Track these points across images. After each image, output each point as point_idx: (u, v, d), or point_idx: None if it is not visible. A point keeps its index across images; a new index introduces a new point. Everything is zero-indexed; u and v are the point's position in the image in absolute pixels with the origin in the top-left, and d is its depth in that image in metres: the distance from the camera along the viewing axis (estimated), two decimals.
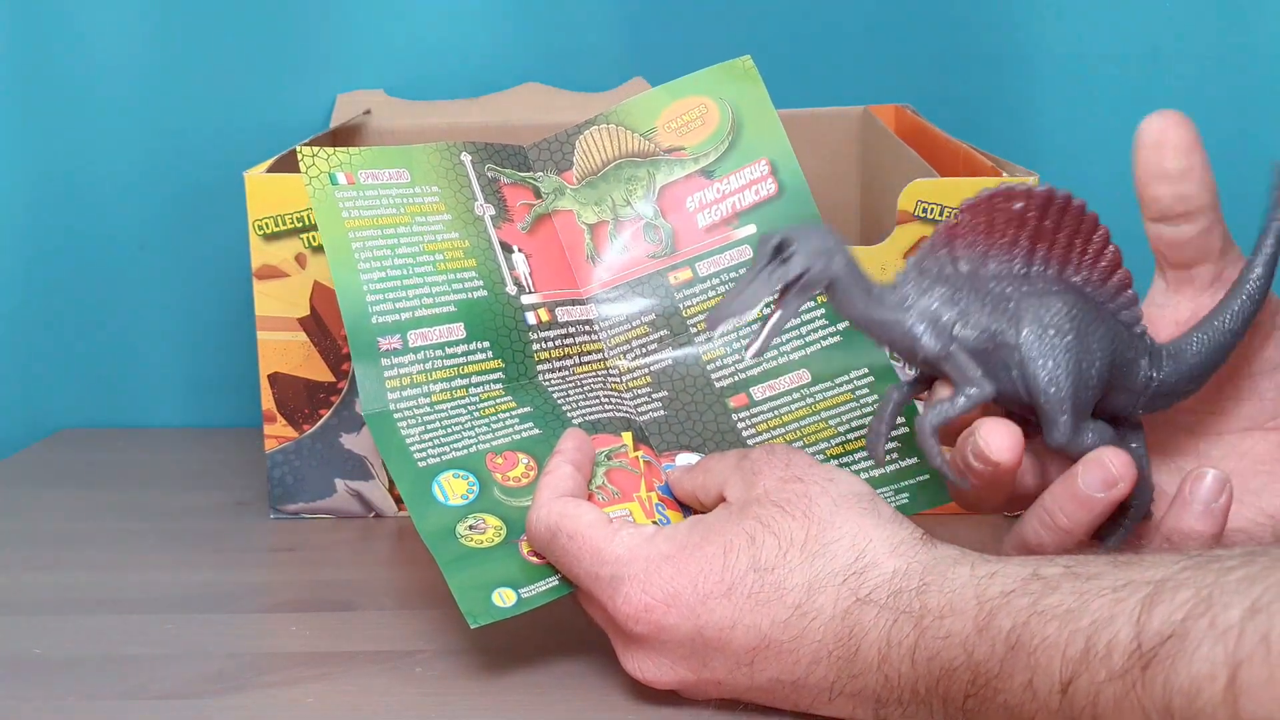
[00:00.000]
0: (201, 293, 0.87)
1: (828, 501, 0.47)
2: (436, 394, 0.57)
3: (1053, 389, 0.48)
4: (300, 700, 0.50)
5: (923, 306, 0.49)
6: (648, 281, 0.64)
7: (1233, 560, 0.37)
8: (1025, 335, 0.48)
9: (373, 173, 0.60)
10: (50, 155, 0.85)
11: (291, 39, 0.85)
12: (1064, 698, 0.39)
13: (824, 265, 0.48)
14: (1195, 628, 0.36)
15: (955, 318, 0.49)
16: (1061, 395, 0.48)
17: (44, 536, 0.68)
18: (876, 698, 0.44)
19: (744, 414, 0.61)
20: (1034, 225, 0.48)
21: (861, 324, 0.49)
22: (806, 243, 0.48)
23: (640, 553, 0.48)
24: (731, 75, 0.65)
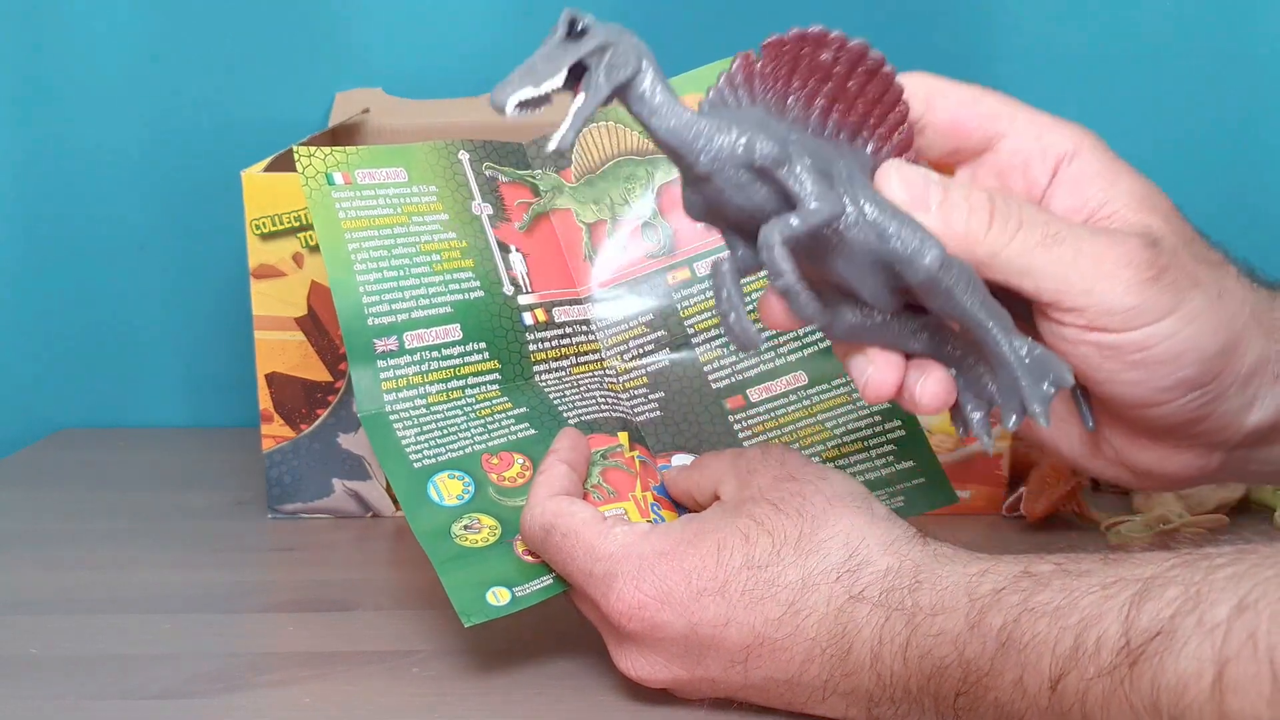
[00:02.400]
0: (199, 292, 0.87)
1: (822, 500, 0.47)
2: (433, 395, 0.57)
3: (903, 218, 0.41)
4: (298, 700, 0.50)
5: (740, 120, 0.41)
6: (645, 281, 0.63)
7: (1221, 558, 0.37)
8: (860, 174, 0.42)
9: (369, 172, 0.60)
10: (48, 155, 0.85)
11: (290, 38, 0.85)
12: (1053, 695, 0.39)
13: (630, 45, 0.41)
14: (1183, 625, 0.36)
15: (786, 131, 0.42)
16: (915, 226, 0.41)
17: (43, 536, 0.68)
18: (869, 696, 0.44)
19: (740, 415, 0.61)
20: (837, 83, 0.43)
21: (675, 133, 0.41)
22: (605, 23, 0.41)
23: (634, 550, 0.48)
24: None
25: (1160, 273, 0.42)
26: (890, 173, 0.42)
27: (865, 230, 0.41)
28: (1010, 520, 0.69)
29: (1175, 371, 0.43)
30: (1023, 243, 0.42)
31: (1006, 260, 0.42)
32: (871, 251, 0.41)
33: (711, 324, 0.62)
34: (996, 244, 0.42)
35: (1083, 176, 0.44)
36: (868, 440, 0.60)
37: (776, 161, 0.41)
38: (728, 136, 0.41)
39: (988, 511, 0.69)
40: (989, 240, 0.42)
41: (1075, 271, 0.42)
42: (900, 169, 0.43)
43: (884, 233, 0.41)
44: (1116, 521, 0.66)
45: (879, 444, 0.60)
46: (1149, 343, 0.42)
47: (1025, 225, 0.42)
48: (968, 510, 0.69)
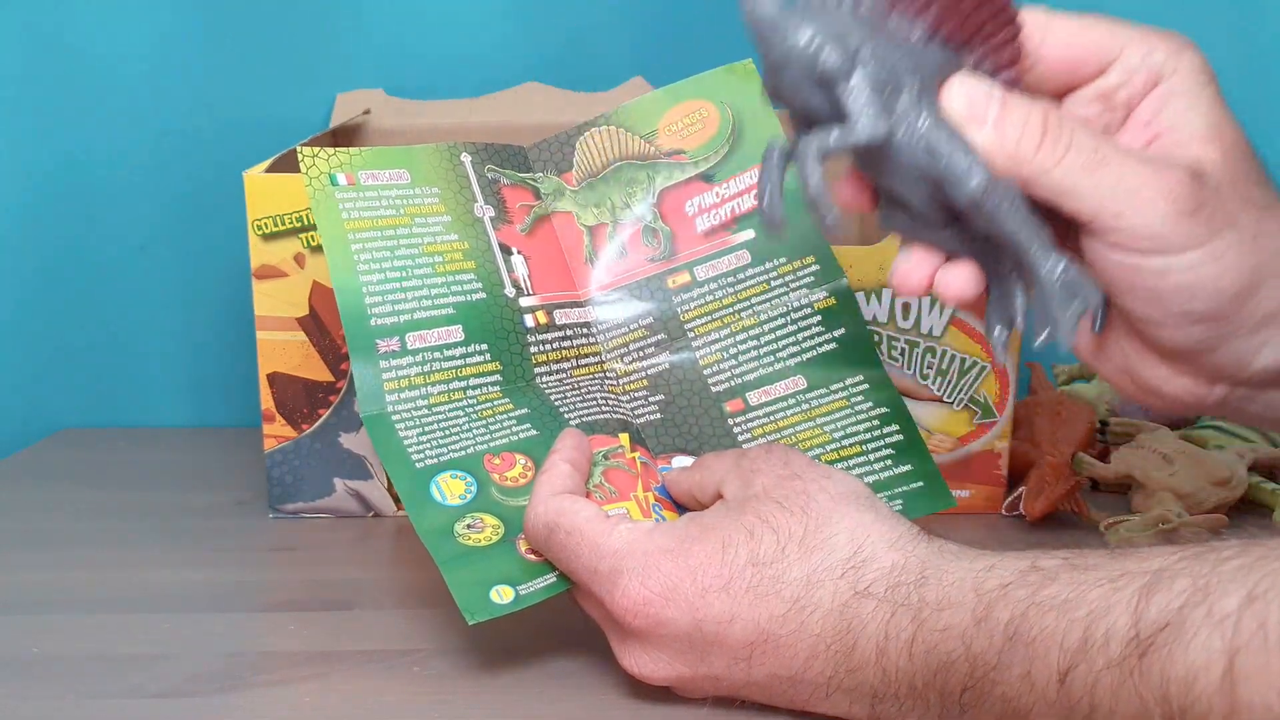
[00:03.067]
0: (201, 292, 0.87)
1: (826, 498, 0.47)
2: (435, 396, 0.57)
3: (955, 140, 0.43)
4: (298, 699, 0.50)
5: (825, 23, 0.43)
6: (646, 285, 0.64)
7: (1229, 550, 0.37)
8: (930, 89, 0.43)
9: (373, 173, 0.60)
10: (49, 155, 0.85)
11: (291, 38, 0.85)
12: (1061, 688, 0.39)
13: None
14: (1192, 616, 0.36)
15: (861, 42, 0.43)
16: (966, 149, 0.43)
17: (44, 536, 0.68)
18: (873, 693, 0.44)
19: (739, 419, 0.61)
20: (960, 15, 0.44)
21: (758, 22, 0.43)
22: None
23: (639, 547, 0.48)
24: (733, 78, 0.65)
25: (1198, 207, 0.43)
26: (955, 87, 0.43)
27: (916, 148, 0.43)
28: (1010, 520, 0.69)
29: (1187, 302, 0.44)
30: (1069, 164, 0.43)
31: (1052, 180, 0.43)
32: (920, 168, 0.43)
33: (711, 327, 0.63)
34: (1045, 163, 0.43)
35: (1169, 95, 0.45)
36: (865, 444, 0.60)
37: (835, 75, 0.42)
38: (802, 36, 0.42)
39: (987, 511, 0.69)
40: (1038, 160, 0.43)
41: (1114, 196, 0.43)
42: (965, 83, 0.44)
43: (935, 151, 0.43)
44: (1116, 521, 0.66)
45: (877, 448, 0.60)
46: (1169, 270, 0.43)
47: (1074, 148, 0.43)
48: (967, 510, 0.69)
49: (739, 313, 0.63)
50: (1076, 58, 0.46)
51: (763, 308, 0.62)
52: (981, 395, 0.68)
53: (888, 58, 0.43)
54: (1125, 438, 0.75)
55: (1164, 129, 0.45)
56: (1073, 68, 0.46)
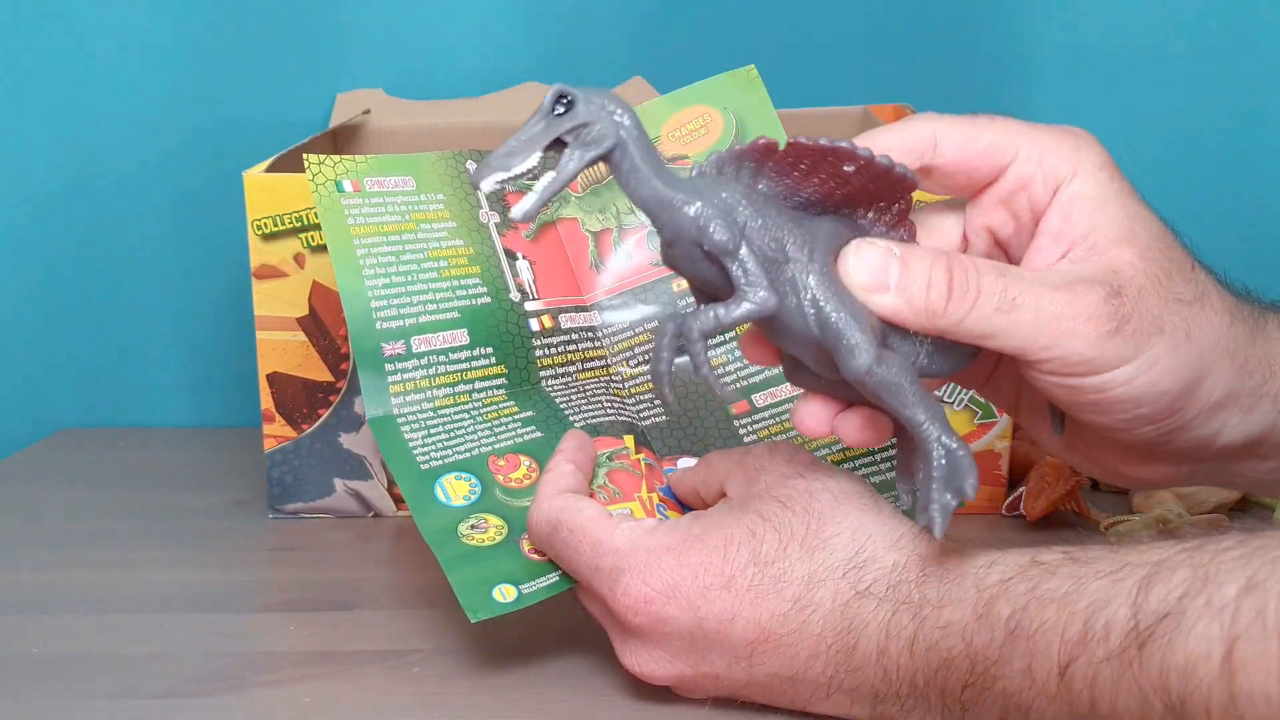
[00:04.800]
0: (201, 293, 0.87)
1: (828, 497, 0.47)
2: (440, 399, 0.57)
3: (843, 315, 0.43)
4: (298, 699, 0.50)
5: (717, 197, 0.43)
6: (651, 289, 0.64)
7: (1229, 541, 0.37)
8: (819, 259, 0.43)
9: (378, 180, 0.60)
10: (50, 155, 0.85)
11: (291, 38, 0.85)
12: (1062, 681, 0.39)
13: (609, 122, 0.42)
14: (1192, 606, 0.36)
15: (749, 217, 0.43)
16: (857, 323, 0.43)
17: (44, 536, 0.68)
18: (874, 692, 0.44)
19: (745, 420, 0.61)
20: (855, 188, 0.44)
21: (645, 202, 0.43)
22: (590, 98, 0.42)
23: (641, 545, 0.48)
24: (735, 84, 0.65)
25: (1121, 324, 0.43)
26: (849, 257, 0.43)
27: (804, 320, 0.43)
28: (1010, 520, 0.69)
29: (1133, 410, 0.44)
30: (982, 311, 0.43)
31: (969, 328, 0.43)
32: (810, 338, 0.43)
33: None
34: (956, 316, 0.43)
35: (1074, 201, 0.45)
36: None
37: (723, 251, 0.42)
38: (688, 214, 0.42)
39: (987, 511, 0.69)
40: (949, 313, 0.43)
41: (1035, 332, 0.43)
42: (860, 250, 0.43)
43: (824, 325, 0.43)
44: (1116, 521, 0.66)
45: (884, 449, 0.60)
46: (1107, 387, 0.43)
47: (983, 293, 0.43)
48: (967, 510, 0.69)
49: None
50: (970, 163, 0.46)
51: None
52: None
53: (775, 230, 0.43)
54: None
55: (1075, 238, 0.44)
56: (968, 172, 0.46)
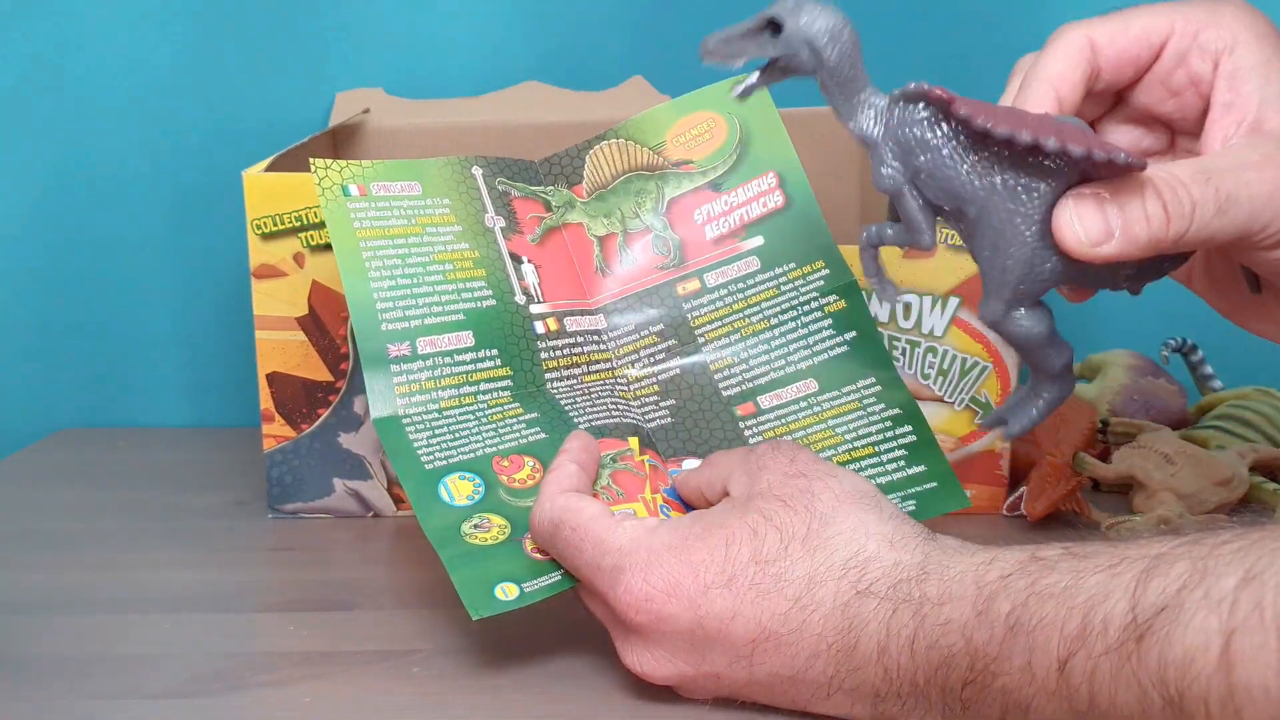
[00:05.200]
0: (200, 292, 0.87)
1: (830, 497, 0.47)
2: (445, 401, 0.57)
3: (996, 274, 0.45)
4: (298, 699, 0.50)
5: (900, 136, 0.45)
6: (656, 292, 0.64)
7: (1228, 534, 0.37)
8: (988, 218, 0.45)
9: (385, 185, 0.61)
10: (49, 155, 0.85)
11: (291, 37, 0.85)
12: (1061, 676, 0.39)
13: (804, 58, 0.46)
14: (1190, 598, 0.36)
15: (925, 165, 0.45)
16: (1004, 283, 0.45)
17: (44, 536, 0.68)
18: (875, 692, 0.44)
19: (751, 422, 0.61)
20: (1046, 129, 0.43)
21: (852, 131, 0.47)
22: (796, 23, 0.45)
23: (643, 543, 0.48)
24: None
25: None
26: (1068, 217, 0.43)
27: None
28: (1011, 520, 0.69)
29: None
30: (1201, 220, 0.43)
31: (1192, 239, 0.43)
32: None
33: (721, 332, 0.63)
34: (1177, 233, 0.43)
35: (1239, 71, 0.45)
36: (879, 445, 0.60)
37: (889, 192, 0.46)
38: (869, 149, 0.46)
39: (988, 511, 0.69)
40: (1172, 235, 0.43)
41: (1252, 218, 0.43)
42: (1077, 210, 0.43)
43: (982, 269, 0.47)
44: (1117, 522, 0.66)
45: (890, 449, 0.60)
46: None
47: (1198, 204, 0.43)
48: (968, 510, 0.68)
49: (749, 318, 0.63)
50: (1129, 52, 0.46)
51: (773, 312, 0.62)
52: (983, 395, 0.68)
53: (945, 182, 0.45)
54: (1126, 438, 0.75)
55: (1249, 110, 0.45)
56: (1130, 62, 0.46)
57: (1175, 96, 0.47)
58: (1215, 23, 0.45)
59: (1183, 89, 0.46)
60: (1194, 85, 0.46)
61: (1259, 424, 0.75)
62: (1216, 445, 0.73)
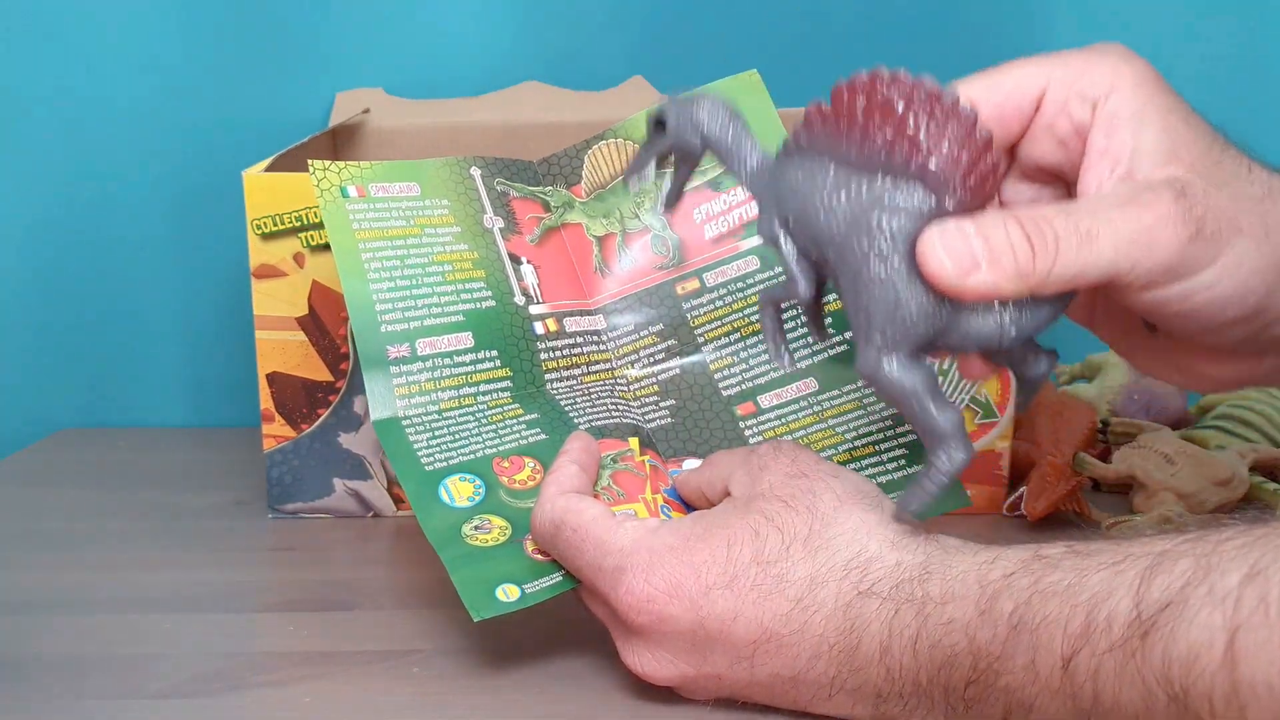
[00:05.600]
0: (200, 292, 0.87)
1: (832, 497, 0.47)
2: (445, 402, 0.57)
3: (861, 318, 0.44)
4: (298, 699, 0.50)
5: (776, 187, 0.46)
6: (655, 292, 0.64)
7: (1232, 530, 0.37)
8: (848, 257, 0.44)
9: (383, 186, 0.61)
10: (49, 155, 0.85)
11: (291, 37, 0.85)
12: (1065, 674, 0.39)
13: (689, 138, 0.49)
14: (1194, 595, 0.36)
15: (794, 209, 0.45)
16: (871, 326, 0.44)
17: (44, 536, 0.68)
18: (877, 692, 0.44)
19: (751, 421, 0.61)
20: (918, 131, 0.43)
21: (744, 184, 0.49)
22: (676, 115, 0.49)
23: (644, 544, 0.48)
24: (738, 89, 0.65)
25: (1199, 226, 0.42)
26: (932, 249, 0.42)
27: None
28: (1011, 520, 0.69)
29: (1219, 314, 0.44)
30: (1065, 256, 0.42)
31: (1058, 276, 0.42)
32: None
33: (721, 332, 0.63)
34: (1044, 268, 0.42)
35: (1116, 117, 0.44)
36: (879, 445, 0.60)
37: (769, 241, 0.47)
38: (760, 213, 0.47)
39: (988, 511, 0.69)
40: (1039, 268, 0.42)
41: (1117, 256, 0.42)
42: (943, 238, 0.42)
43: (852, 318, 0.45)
44: (1117, 522, 0.66)
45: (890, 448, 0.60)
46: (1192, 293, 0.43)
47: (1061, 237, 0.42)
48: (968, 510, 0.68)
49: (749, 317, 0.63)
50: (1001, 109, 0.46)
51: None
52: (983, 395, 0.68)
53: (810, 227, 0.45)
54: (1127, 438, 0.75)
55: (1123, 156, 0.44)
56: (1001, 119, 0.46)
57: (1062, 146, 0.46)
58: (1093, 69, 0.45)
59: (1068, 138, 0.46)
60: (1078, 134, 0.45)
61: (1259, 424, 0.75)
62: (1216, 445, 0.73)
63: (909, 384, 0.44)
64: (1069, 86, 0.45)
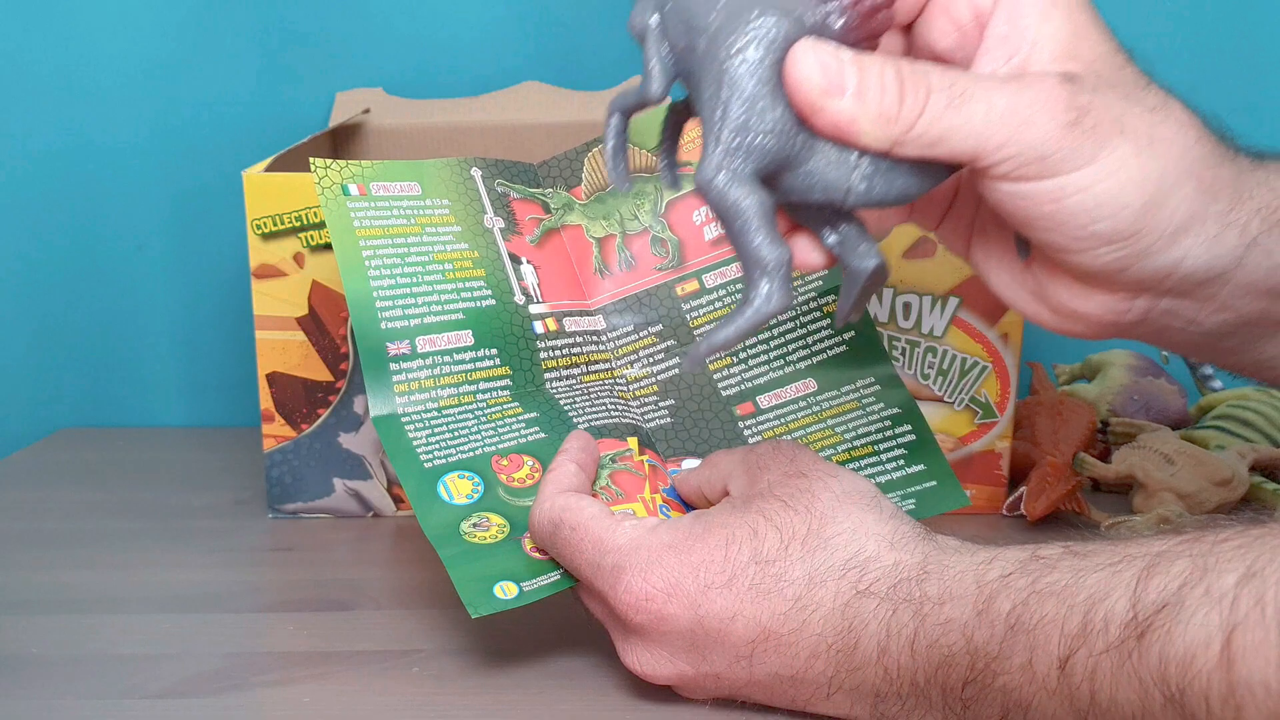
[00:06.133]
0: (200, 292, 0.87)
1: (830, 497, 0.47)
2: (444, 399, 0.57)
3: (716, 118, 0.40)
4: (298, 699, 0.50)
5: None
6: (655, 293, 0.64)
7: (1229, 531, 0.37)
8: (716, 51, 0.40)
9: (384, 185, 0.61)
10: (49, 155, 0.85)
11: (291, 37, 0.85)
12: (1062, 674, 0.39)
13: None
14: (1191, 595, 0.36)
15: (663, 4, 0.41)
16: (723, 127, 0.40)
17: (43, 536, 0.68)
18: (875, 692, 0.44)
19: (750, 422, 0.61)
20: None
21: None
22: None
23: (643, 543, 0.48)
24: None
25: (1080, 115, 0.40)
26: (802, 56, 0.40)
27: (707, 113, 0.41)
28: (1011, 520, 0.69)
29: (1090, 224, 0.41)
30: (933, 110, 0.40)
31: (921, 131, 0.40)
32: None
33: None
34: (909, 118, 0.40)
35: (1020, 6, 0.42)
36: (878, 445, 0.60)
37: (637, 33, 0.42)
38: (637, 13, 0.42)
39: (988, 511, 0.69)
40: (903, 116, 0.40)
41: (987, 127, 0.40)
42: (816, 49, 0.40)
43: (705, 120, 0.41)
44: (1117, 522, 0.66)
45: (889, 448, 0.60)
46: (1063, 193, 0.41)
47: (934, 91, 0.40)
48: (968, 510, 0.69)
49: None
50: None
51: None
52: (983, 395, 0.68)
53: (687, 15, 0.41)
54: (1126, 438, 0.75)
55: (1022, 46, 0.42)
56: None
57: (960, 31, 0.44)
58: None
59: (966, 24, 0.43)
60: (978, 20, 0.43)
61: (1259, 424, 0.75)
62: (1216, 445, 0.73)
63: (744, 203, 0.40)
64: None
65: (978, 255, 0.49)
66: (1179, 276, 0.43)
